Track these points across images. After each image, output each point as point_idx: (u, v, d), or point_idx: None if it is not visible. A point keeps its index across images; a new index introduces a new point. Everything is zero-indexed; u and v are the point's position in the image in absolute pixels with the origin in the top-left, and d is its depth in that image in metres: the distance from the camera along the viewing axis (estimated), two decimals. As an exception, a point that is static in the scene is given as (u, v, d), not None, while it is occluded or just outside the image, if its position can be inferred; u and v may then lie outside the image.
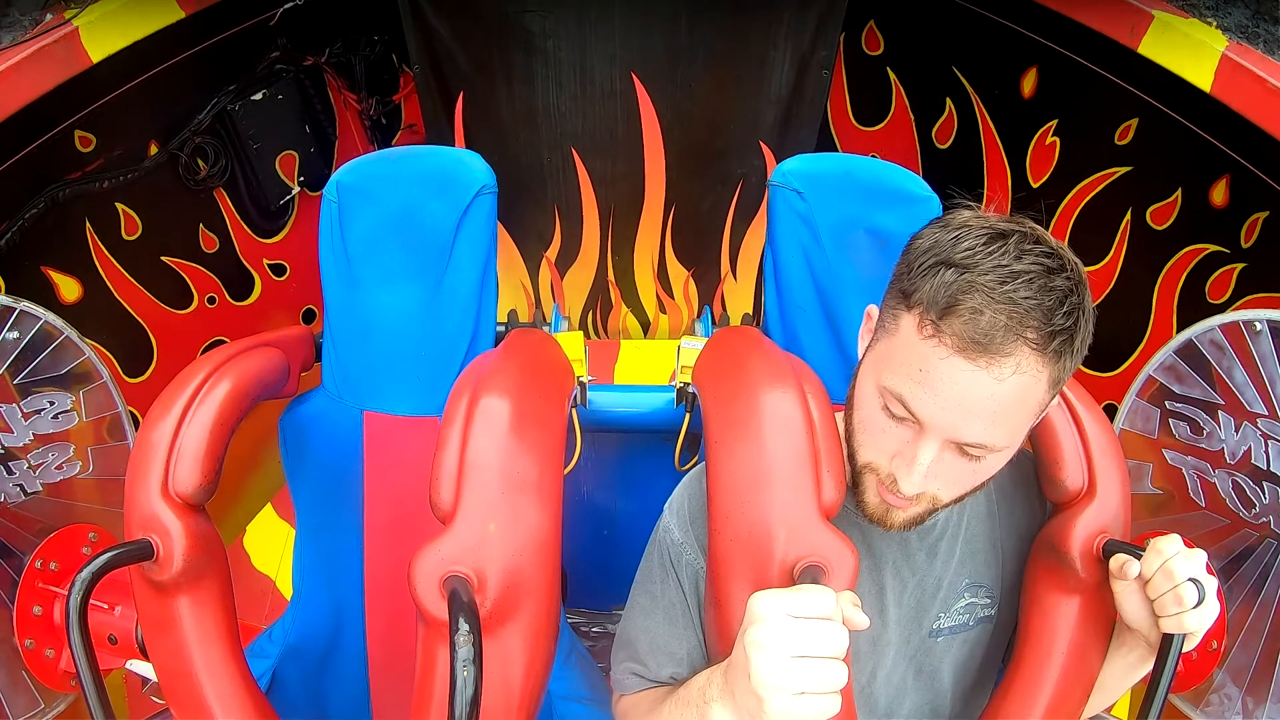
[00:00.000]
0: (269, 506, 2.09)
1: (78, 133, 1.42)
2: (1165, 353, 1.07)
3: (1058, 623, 0.82)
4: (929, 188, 1.08)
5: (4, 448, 1.04)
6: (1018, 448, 0.72)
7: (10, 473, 1.05)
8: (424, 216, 1.12)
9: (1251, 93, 1.22)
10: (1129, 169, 1.57)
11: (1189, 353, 1.05)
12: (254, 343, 1.06)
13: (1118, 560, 0.74)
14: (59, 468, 1.10)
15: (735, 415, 0.80)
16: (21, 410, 1.05)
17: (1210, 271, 1.41)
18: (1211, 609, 0.70)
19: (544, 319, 1.53)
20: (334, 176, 1.13)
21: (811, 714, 0.59)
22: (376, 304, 1.13)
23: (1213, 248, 1.41)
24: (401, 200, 1.12)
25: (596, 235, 2.22)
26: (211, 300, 1.80)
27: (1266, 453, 0.98)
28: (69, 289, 1.47)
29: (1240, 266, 1.36)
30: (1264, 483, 0.99)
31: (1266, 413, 0.97)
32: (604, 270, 2.29)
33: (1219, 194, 1.38)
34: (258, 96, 1.79)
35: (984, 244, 0.64)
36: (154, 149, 1.60)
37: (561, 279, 2.32)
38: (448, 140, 2.07)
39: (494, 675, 0.74)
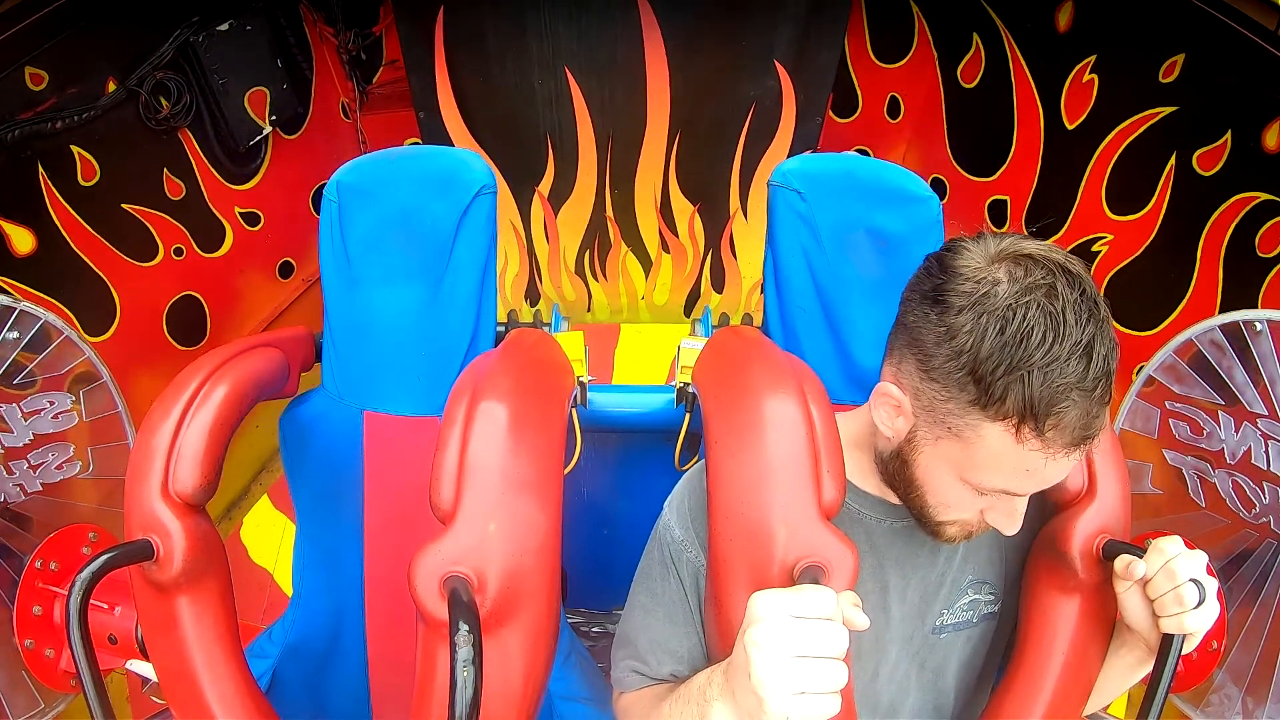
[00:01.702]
0: (265, 498, 2.05)
1: (28, 69, 1.32)
2: (1165, 352, 1.07)
3: (1058, 622, 0.82)
4: (929, 187, 1.08)
5: (4, 448, 1.04)
6: None
7: (10, 473, 1.05)
8: (424, 216, 1.12)
9: None
10: (1174, 109, 1.45)
11: (1189, 353, 1.04)
12: (253, 343, 1.06)
13: (1122, 561, 0.74)
14: (59, 468, 1.10)
15: (735, 415, 0.80)
16: (21, 410, 1.05)
17: (1261, 223, 1.31)
18: (1211, 610, 0.70)
19: (543, 319, 1.53)
20: (334, 176, 1.13)
21: (811, 714, 0.59)
22: (376, 304, 1.13)
23: (1264, 196, 1.30)
24: (401, 200, 1.12)
25: (594, 167, 2.08)
26: (179, 252, 1.68)
27: (1266, 453, 0.98)
28: (22, 240, 1.36)
29: None
30: (1264, 483, 0.99)
31: (1266, 413, 0.97)
32: (602, 205, 2.15)
33: (1273, 138, 1.27)
34: (224, 27, 1.66)
35: (1053, 330, 0.62)
36: (112, 86, 1.48)
37: (555, 216, 2.18)
38: (429, 70, 1.92)
39: (494, 675, 0.73)
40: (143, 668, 1.02)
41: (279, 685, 1.17)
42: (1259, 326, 0.97)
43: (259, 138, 1.83)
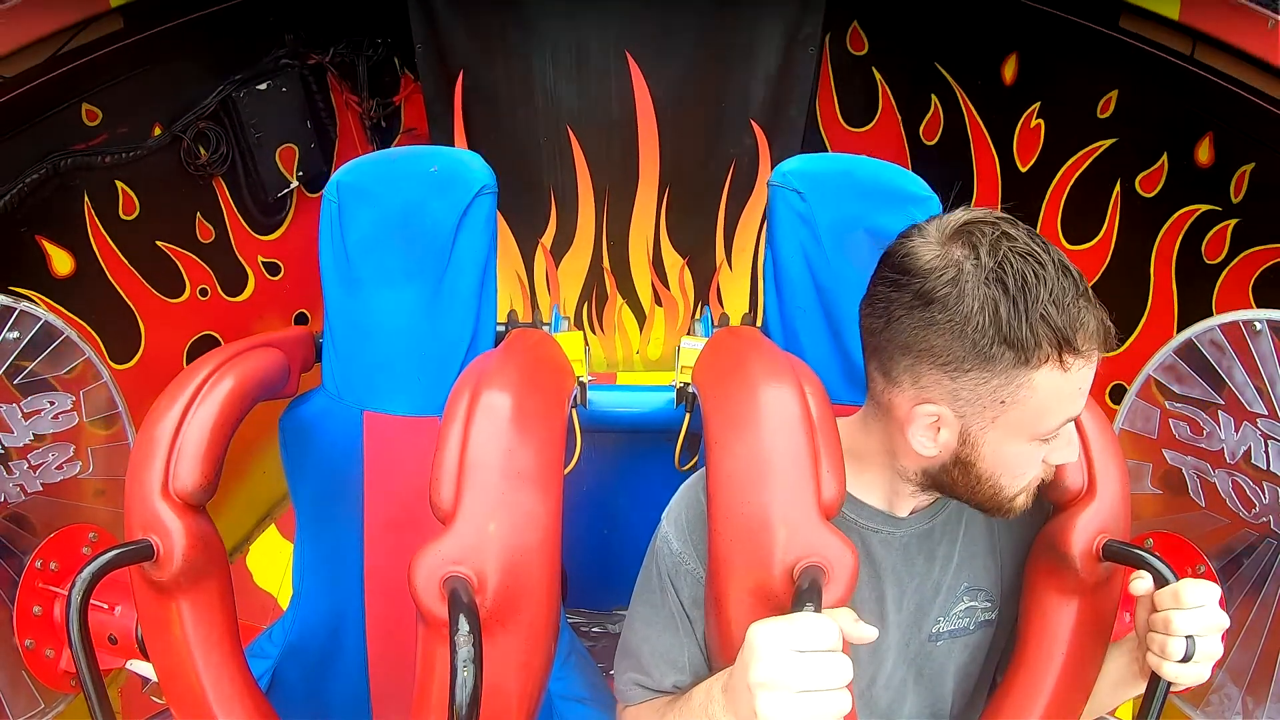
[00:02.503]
0: (273, 528, 2.09)
1: (85, 106, 1.43)
2: (1165, 353, 1.07)
3: (1057, 623, 0.82)
4: (928, 187, 1.08)
5: (4, 448, 1.04)
6: None
7: (10, 473, 1.05)
8: (424, 216, 1.12)
9: (1217, 11, 1.22)
10: (1114, 140, 1.58)
11: (1189, 353, 1.05)
12: (254, 343, 1.06)
13: (1136, 575, 0.73)
14: (59, 468, 1.10)
15: (735, 415, 0.80)
16: (21, 410, 1.05)
17: (1204, 232, 1.42)
18: (1199, 671, 0.69)
19: (543, 319, 1.53)
20: (334, 176, 1.13)
21: None
22: (376, 304, 1.13)
23: (1204, 207, 1.41)
24: (401, 200, 1.12)
25: (592, 218, 2.22)
26: (204, 292, 1.79)
27: (1266, 453, 0.98)
28: (62, 262, 1.46)
29: (1233, 223, 1.36)
30: (1264, 482, 0.99)
31: (1266, 413, 0.97)
32: (599, 257, 2.29)
33: (1204, 153, 1.39)
34: (262, 86, 1.80)
35: (1030, 264, 0.66)
36: (158, 130, 1.60)
37: (557, 267, 2.31)
38: (448, 124, 2.07)
39: (494, 675, 0.73)
40: (143, 668, 1.02)
41: (279, 685, 1.17)
42: (1259, 326, 0.97)
43: (285, 191, 1.96)
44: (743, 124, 2.06)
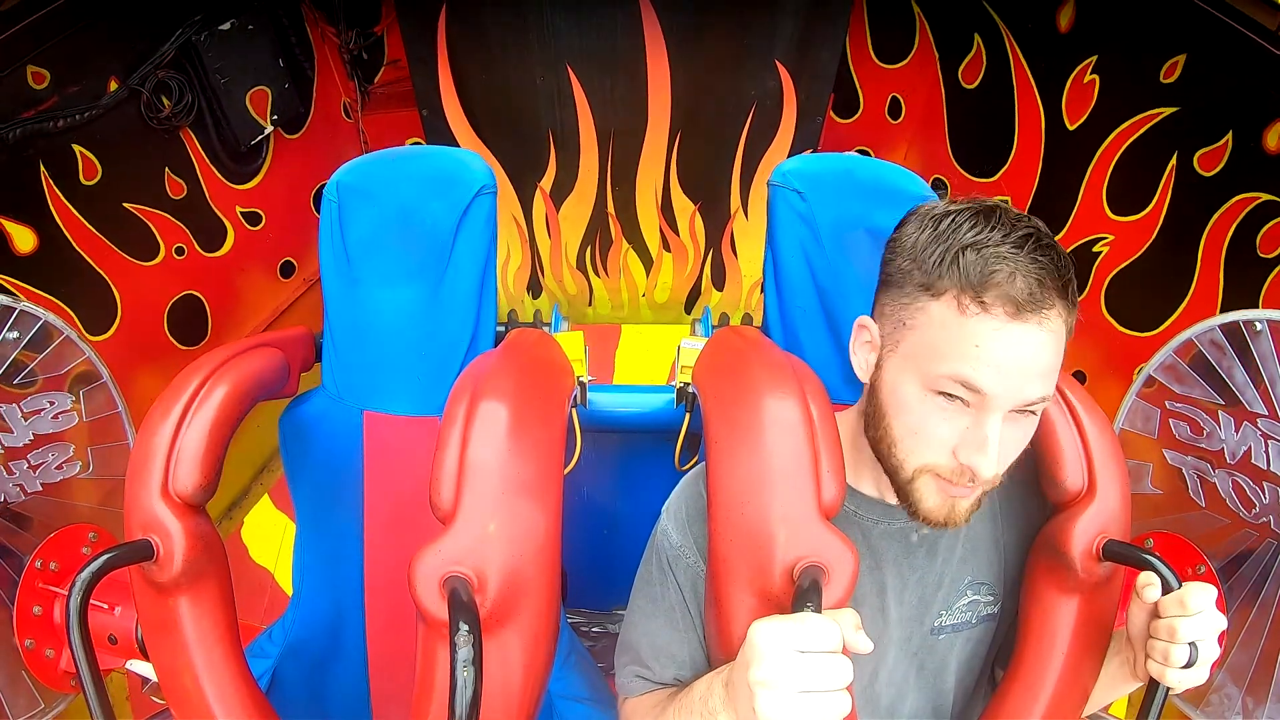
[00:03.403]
0: (266, 498, 2.05)
1: (30, 68, 1.32)
2: (1165, 352, 1.07)
3: (1057, 623, 0.82)
4: (929, 187, 1.08)
5: (4, 448, 1.04)
6: None
7: (10, 473, 1.05)
8: (424, 216, 1.12)
9: None
10: (1175, 110, 1.44)
11: (1189, 353, 1.04)
12: (253, 343, 1.06)
13: (1146, 579, 0.72)
14: (59, 468, 1.10)
15: (735, 415, 0.80)
16: (21, 410, 1.05)
17: (1262, 223, 1.31)
18: (1200, 674, 0.69)
19: (543, 319, 1.53)
20: (334, 176, 1.13)
21: None
22: (376, 304, 1.13)
23: (1265, 196, 1.30)
24: (401, 200, 1.12)
25: (595, 163, 2.09)
26: (180, 251, 1.69)
27: (1266, 453, 0.98)
28: (23, 239, 1.37)
29: None
30: (1264, 483, 0.98)
31: (1266, 413, 0.97)
32: (603, 202, 2.17)
33: (1274, 138, 1.27)
34: (225, 27, 1.66)
35: (983, 223, 0.68)
36: (113, 85, 1.48)
37: (557, 211, 2.19)
38: (431, 67, 1.93)
39: (494, 675, 0.74)
40: (143, 668, 1.02)
41: (279, 685, 1.17)
42: (1259, 326, 0.97)
43: (260, 137, 1.83)
44: (766, 64, 1.89)
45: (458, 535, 0.75)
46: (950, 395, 0.69)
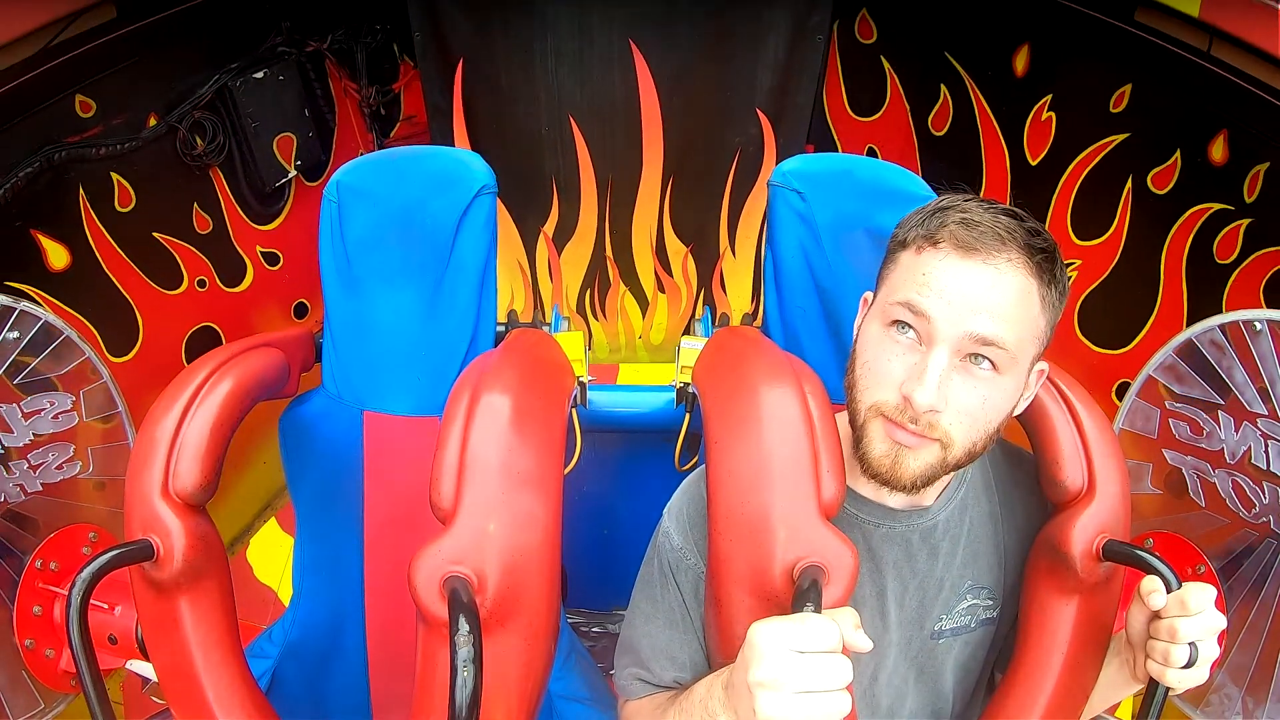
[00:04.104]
0: (273, 520, 2.08)
1: (79, 97, 1.41)
2: (1165, 352, 1.07)
3: (1057, 623, 0.82)
4: (928, 187, 1.08)
5: (4, 448, 1.04)
6: (1021, 379, 0.74)
7: (10, 473, 1.05)
8: (424, 216, 1.12)
9: (1237, 8, 1.19)
10: (1126, 135, 1.55)
11: (1189, 353, 1.04)
12: (254, 343, 1.06)
13: (1150, 584, 0.71)
14: (59, 468, 1.10)
15: (735, 415, 0.80)
16: (21, 410, 1.05)
17: (1216, 231, 1.39)
18: (1200, 674, 0.69)
19: (544, 319, 1.53)
20: (334, 176, 1.13)
21: None
22: (376, 304, 1.13)
23: (1217, 206, 1.38)
24: (401, 200, 1.12)
25: (594, 208, 2.21)
26: (201, 284, 1.76)
27: (1266, 453, 0.98)
28: (57, 256, 1.44)
29: (1246, 222, 1.33)
30: (1264, 482, 0.98)
31: (1266, 413, 0.97)
32: (602, 245, 2.28)
33: (1218, 151, 1.36)
34: (259, 75, 1.78)
35: (959, 200, 0.75)
36: (153, 121, 1.58)
37: (559, 255, 2.30)
38: (448, 115, 2.04)
39: (494, 675, 0.74)
40: (143, 668, 1.02)
41: (279, 685, 1.17)
42: (1259, 326, 0.97)
43: (284, 180, 1.93)
44: (748, 112, 2.04)
45: (458, 535, 0.75)
46: (902, 326, 0.72)
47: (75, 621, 0.71)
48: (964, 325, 0.69)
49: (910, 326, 0.71)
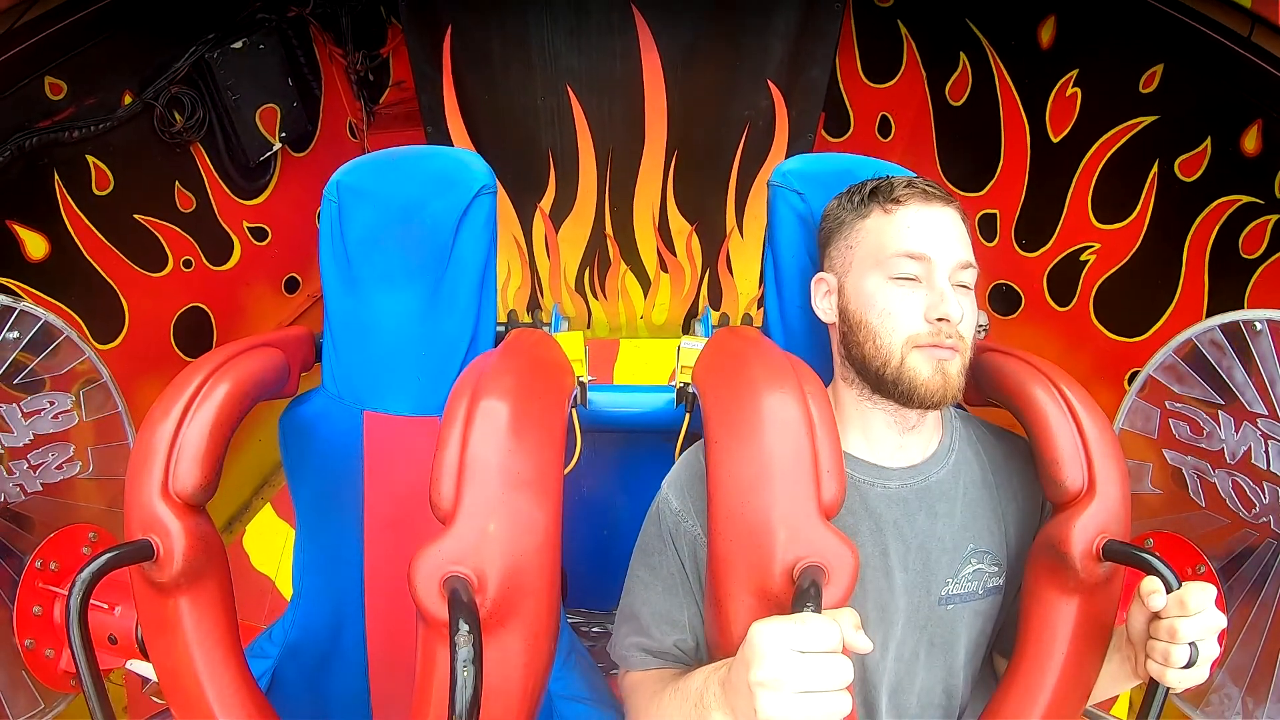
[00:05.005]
0: (268, 506, 2.06)
1: (48, 79, 1.35)
2: (1165, 352, 1.07)
3: (1057, 623, 0.82)
4: None
5: (4, 448, 1.04)
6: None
7: (10, 473, 1.05)
8: (424, 217, 1.12)
9: None
10: (1155, 118, 1.48)
11: (1189, 352, 1.04)
12: (254, 343, 1.06)
13: (1150, 584, 0.71)
14: (59, 468, 1.10)
15: (735, 415, 0.80)
16: (21, 410, 1.05)
17: (1243, 225, 1.34)
18: (1200, 674, 0.69)
19: (543, 319, 1.53)
20: (334, 176, 1.13)
21: None
22: (376, 304, 1.13)
23: (1245, 199, 1.33)
24: (401, 200, 1.12)
25: (594, 183, 2.12)
26: (187, 264, 1.71)
27: (1266, 453, 0.98)
28: (35, 246, 1.39)
29: (1275, 218, 1.28)
30: (1264, 483, 0.98)
31: (1266, 413, 0.97)
32: (601, 223, 2.19)
33: (1250, 141, 1.30)
34: (238, 45, 1.70)
35: (876, 179, 0.92)
36: (128, 99, 1.51)
37: (556, 232, 2.22)
38: (436, 86, 1.96)
39: (494, 675, 0.73)
40: (143, 668, 1.02)
41: (279, 685, 1.17)
42: (1259, 326, 0.97)
43: (269, 154, 1.86)
44: (758, 84, 1.94)
45: (458, 535, 0.75)
46: (903, 278, 0.84)
47: (75, 621, 0.71)
48: (954, 255, 0.84)
49: (912, 268, 0.84)
